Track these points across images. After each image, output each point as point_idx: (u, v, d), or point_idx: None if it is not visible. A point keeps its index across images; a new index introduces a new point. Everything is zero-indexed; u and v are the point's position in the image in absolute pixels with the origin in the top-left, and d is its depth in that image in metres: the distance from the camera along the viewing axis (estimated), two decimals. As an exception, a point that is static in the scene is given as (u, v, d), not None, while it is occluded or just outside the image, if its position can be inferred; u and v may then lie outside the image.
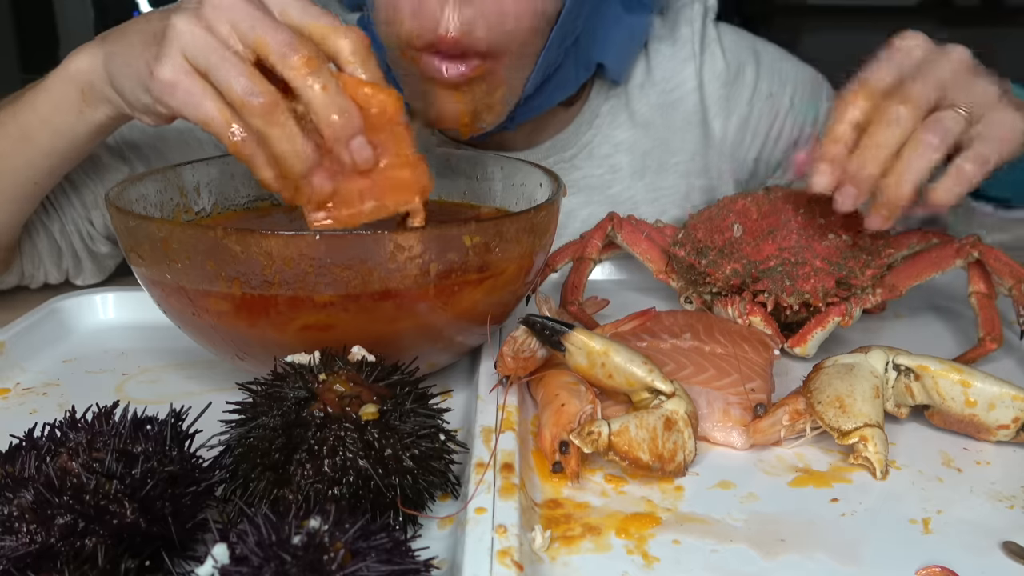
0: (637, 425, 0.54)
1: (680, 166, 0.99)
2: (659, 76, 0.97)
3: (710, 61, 0.98)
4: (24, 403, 0.65)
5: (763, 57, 1.01)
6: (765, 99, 1.00)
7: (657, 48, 0.97)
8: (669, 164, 0.99)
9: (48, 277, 0.89)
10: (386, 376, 0.51)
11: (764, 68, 1.01)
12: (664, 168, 0.99)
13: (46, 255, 0.88)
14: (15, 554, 0.39)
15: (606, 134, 0.97)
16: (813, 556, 0.48)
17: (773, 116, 1.01)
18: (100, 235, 0.90)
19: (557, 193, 0.65)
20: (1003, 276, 0.72)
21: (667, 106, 0.98)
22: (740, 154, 1.01)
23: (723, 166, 1.00)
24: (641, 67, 0.97)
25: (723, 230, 0.75)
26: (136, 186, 0.67)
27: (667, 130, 0.98)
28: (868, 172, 0.64)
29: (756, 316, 0.70)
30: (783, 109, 1.01)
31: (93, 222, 0.89)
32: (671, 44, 0.97)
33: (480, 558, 0.44)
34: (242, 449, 0.47)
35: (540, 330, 0.58)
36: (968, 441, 0.60)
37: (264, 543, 0.37)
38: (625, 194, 0.99)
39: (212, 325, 0.58)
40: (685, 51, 0.97)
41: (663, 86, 0.98)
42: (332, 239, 0.54)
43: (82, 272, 0.90)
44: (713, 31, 0.99)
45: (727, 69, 0.98)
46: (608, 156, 0.98)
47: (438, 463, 0.50)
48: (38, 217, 0.86)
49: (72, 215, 0.88)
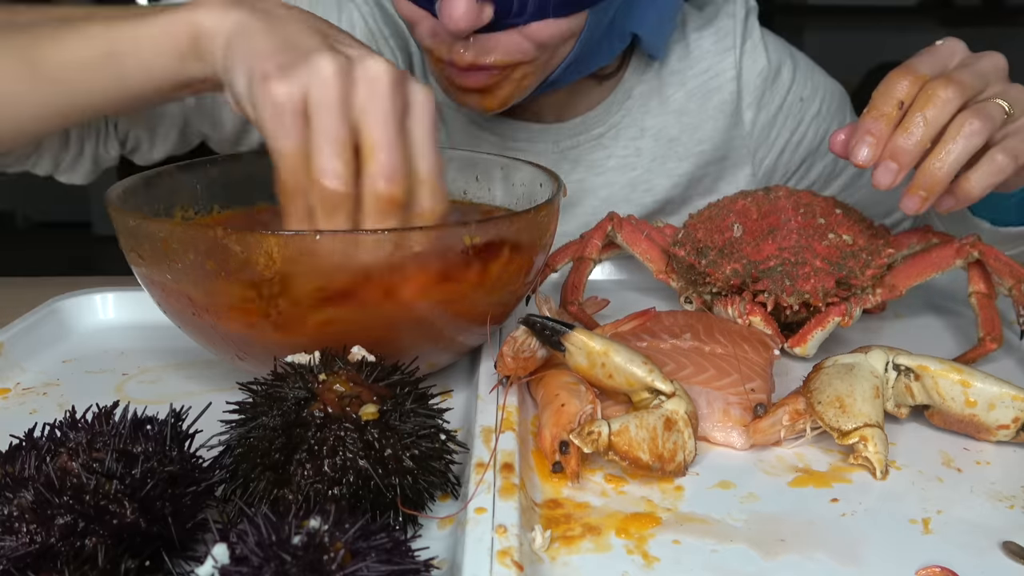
0: (637, 425, 0.54)
1: (704, 154, 1.00)
2: (699, 66, 0.99)
3: (751, 53, 0.99)
4: (24, 403, 0.65)
5: (799, 62, 1.03)
6: (797, 102, 1.01)
7: (698, 38, 0.99)
8: (693, 152, 1.00)
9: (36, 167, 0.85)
10: (386, 376, 0.51)
11: (800, 73, 1.02)
12: (688, 155, 1.00)
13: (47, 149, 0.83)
14: (15, 554, 0.39)
15: (635, 117, 0.99)
16: (813, 556, 0.48)
17: (798, 121, 1.02)
18: (114, 138, 0.88)
19: (557, 193, 0.65)
20: (1003, 276, 0.72)
21: (705, 94, 0.99)
22: (761, 152, 1.02)
23: (743, 157, 1.01)
24: (680, 54, 0.99)
25: (723, 230, 0.75)
26: (136, 186, 0.67)
27: (700, 116, 0.99)
28: (912, 149, 0.64)
29: (756, 316, 0.70)
30: (809, 115, 1.02)
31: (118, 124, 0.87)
32: (713, 33, 0.99)
33: (480, 558, 0.44)
34: (242, 449, 0.47)
35: (540, 330, 0.58)
36: (968, 441, 0.60)
37: (264, 543, 0.37)
38: (643, 177, 1.00)
39: (212, 325, 0.58)
40: (726, 41, 0.98)
41: (702, 77, 0.99)
42: (332, 239, 0.54)
43: (75, 169, 0.87)
44: (758, 28, 1.00)
45: (768, 66, 0.99)
46: (635, 139, 0.99)
47: (438, 463, 0.50)
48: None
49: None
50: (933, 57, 0.68)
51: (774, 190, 0.78)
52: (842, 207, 0.77)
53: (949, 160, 0.64)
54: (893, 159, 0.65)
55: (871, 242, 0.74)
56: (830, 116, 1.03)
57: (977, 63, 0.67)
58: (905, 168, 0.65)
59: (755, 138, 1.01)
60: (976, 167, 0.65)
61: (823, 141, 1.02)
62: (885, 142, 0.65)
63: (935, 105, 0.64)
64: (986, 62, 0.67)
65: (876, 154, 0.65)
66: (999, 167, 0.65)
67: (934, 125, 0.64)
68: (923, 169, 0.65)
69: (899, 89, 0.66)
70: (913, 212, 0.66)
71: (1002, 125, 0.65)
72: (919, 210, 0.66)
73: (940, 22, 3.97)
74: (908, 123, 0.64)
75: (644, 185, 1.00)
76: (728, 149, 1.01)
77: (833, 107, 1.04)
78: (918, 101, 0.65)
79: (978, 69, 0.66)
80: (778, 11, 4.02)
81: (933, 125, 0.64)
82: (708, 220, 0.77)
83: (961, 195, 0.66)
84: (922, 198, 0.65)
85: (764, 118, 1.01)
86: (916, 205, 0.66)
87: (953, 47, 0.69)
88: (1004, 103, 0.65)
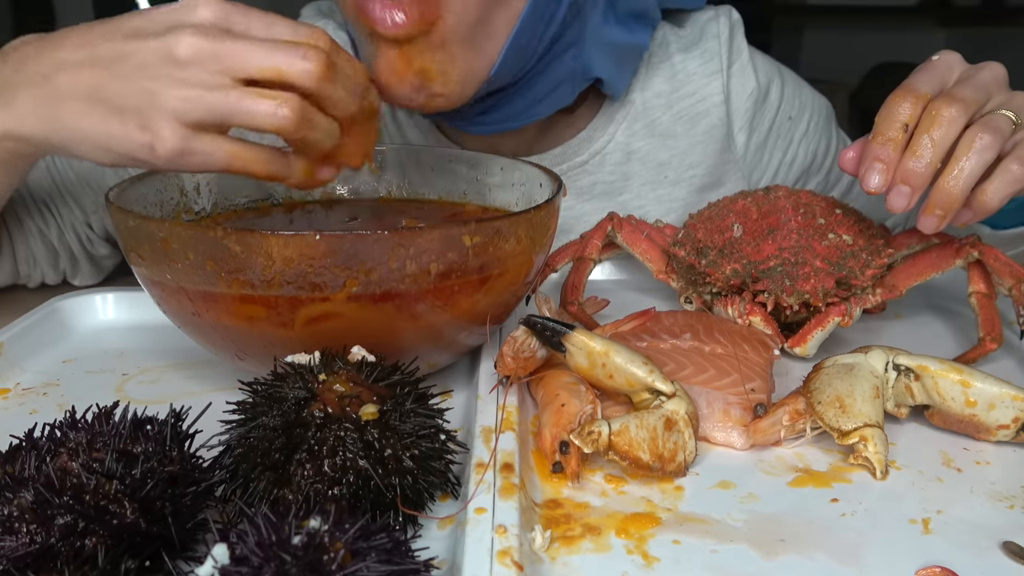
0: (637, 425, 0.54)
1: (696, 179, 0.99)
2: (685, 90, 0.97)
3: (740, 76, 0.98)
4: (24, 403, 0.65)
5: (787, 80, 1.02)
6: (786, 121, 1.01)
7: (683, 60, 0.97)
8: (685, 177, 0.99)
9: (45, 278, 0.89)
10: (386, 376, 0.51)
11: (787, 91, 1.01)
12: (680, 180, 0.99)
13: (42, 258, 0.88)
14: (15, 554, 0.39)
15: (619, 141, 0.97)
16: (813, 556, 0.48)
17: (789, 141, 1.01)
18: (99, 238, 0.90)
19: (557, 193, 0.65)
20: (1003, 276, 0.72)
21: (692, 118, 0.97)
22: (756, 174, 1.01)
23: (738, 182, 1.00)
24: (665, 76, 0.97)
25: (723, 230, 0.75)
26: (136, 186, 0.67)
27: (689, 141, 0.98)
28: (923, 171, 0.64)
29: (756, 316, 0.70)
30: (798, 134, 1.01)
31: (92, 225, 0.89)
32: (698, 56, 0.97)
33: (480, 558, 0.44)
34: (242, 449, 0.47)
35: (540, 330, 0.58)
36: (968, 441, 0.60)
37: (264, 543, 0.37)
38: (635, 202, 0.99)
39: (212, 325, 0.58)
40: (712, 64, 0.97)
41: (689, 100, 0.97)
42: (332, 239, 0.54)
43: (79, 273, 0.91)
44: (745, 48, 0.99)
45: (758, 87, 0.98)
46: (620, 164, 0.97)
47: (438, 463, 0.50)
48: (34, 223, 0.86)
49: (71, 220, 0.88)
50: (931, 74, 0.67)
51: (774, 190, 0.78)
52: (842, 207, 0.77)
53: (963, 177, 0.63)
54: (905, 183, 0.64)
55: (871, 242, 0.74)
56: (818, 134, 1.02)
57: (976, 75, 0.67)
58: (918, 191, 0.65)
59: (749, 161, 1.00)
60: (992, 179, 0.65)
61: (814, 159, 1.02)
62: (895, 167, 0.65)
63: (940, 125, 0.63)
64: (986, 73, 0.67)
65: (887, 180, 0.65)
66: (1015, 177, 0.64)
67: (942, 145, 0.64)
68: (938, 188, 0.64)
69: (902, 112, 0.65)
70: (931, 231, 0.66)
71: (1010, 135, 0.65)
72: (937, 229, 0.66)
73: (940, 22, 3.97)
74: (916, 146, 0.64)
75: (638, 211, 0.98)
76: (722, 173, 0.99)
77: (821, 123, 1.03)
78: (923, 123, 0.64)
79: (978, 82, 0.66)
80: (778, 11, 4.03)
81: (941, 145, 0.64)
82: (708, 220, 0.78)
83: (979, 208, 0.66)
84: (939, 217, 0.65)
85: (756, 140, 1.00)
86: (934, 224, 0.66)
87: (950, 61, 0.68)
88: (1010, 113, 0.65)
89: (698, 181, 0.99)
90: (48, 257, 0.88)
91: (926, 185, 0.65)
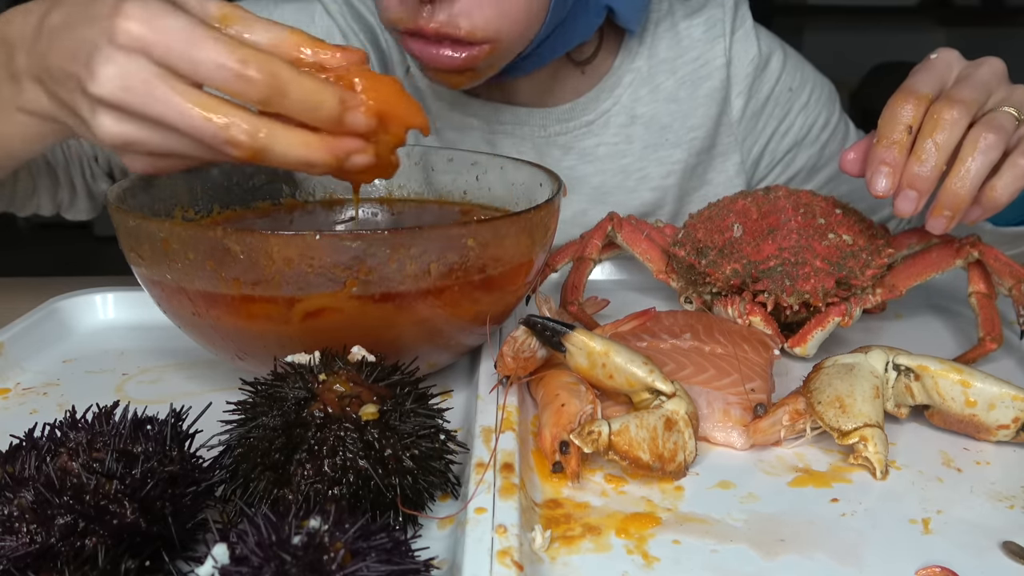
0: (637, 425, 0.54)
1: (696, 142, 1.00)
2: (690, 55, 0.99)
3: (742, 42, 0.99)
4: (24, 403, 0.65)
5: (790, 54, 1.04)
6: (785, 92, 1.02)
7: (688, 26, 0.99)
8: (686, 139, 1.00)
9: (40, 208, 0.90)
10: (386, 376, 0.51)
11: (790, 63, 1.03)
12: (680, 142, 1.00)
13: (44, 189, 0.88)
14: (15, 554, 0.39)
15: (625, 104, 0.99)
16: (813, 556, 0.48)
17: (786, 111, 1.02)
18: (102, 173, 0.91)
19: (557, 193, 0.65)
20: (1003, 276, 0.72)
21: (695, 81, 0.99)
22: (749, 140, 1.02)
23: (731, 145, 1.02)
24: (670, 43, 0.99)
25: (723, 230, 0.75)
26: (136, 186, 0.67)
27: (691, 104, 1.00)
28: (929, 175, 0.64)
29: (756, 316, 0.70)
30: (797, 105, 1.03)
31: (98, 159, 0.90)
32: (703, 22, 0.99)
33: (480, 558, 0.44)
34: (242, 449, 0.47)
35: (540, 330, 0.58)
36: (968, 441, 0.60)
37: (264, 543, 0.37)
38: (635, 165, 1.00)
39: (212, 325, 0.58)
40: (716, 30, 0.99)
41: (693, 65, 0.99)
42: (332, 239, 0.54)
43: (75, 206, 0.92)
44: (749, 17, 1.01)
45: (759, 55, 1.00)
46: (625, 127, 0.99)
47: (438, 463, 0.50)
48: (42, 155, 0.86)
49: (79, 152, 0.89)
50: (930, 74, 0.67)
51: (774, 190, 0.78)
52: (842, 207, 0.76)
53: (970, 178, 0.64)
54: (911, 187, 0.65)
55: (871, 242, 0.74)
56: (819, 107, 1.03)
57: (976, 73, 0.67)
58: (925, 195, 0.65)
59: (743, 126, 1.02)
60: (1000, 174, 0.65)
61: (809, 132, 1.03)
62: (901, 170, 0.65)
63: (943, 129, 0.64)
64: (985, 70, 0.67)
65: (894, 183, 0.65)
66: (1023, 171, 0.65)
67: (946, 148, 0.64)
68: (945, 189, 0.65)
69: (904, 114, 0.65)
70: (940, 232, 0.66)
71: (1014, 131, 0.65)
72: (946, 229, 0.66)
73: (940, 22, 3.96)
74: (920, 151, 0.64)
75: (637, 173, 1.00)
76: (717, 136, 1.01)
77: (823, 99, 1.04)
78: (925, 127, 0.64)
79: (978, 80, 0.66)
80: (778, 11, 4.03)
81: (945, 148, 0.64)
82: (708, 220, 0.77)
83: (988, 204, 0.66)
84: (948, 218, 0.65)
85: (753, 107, 1.01)
86: (943, 225, 0.66)
87: (948, 59, 0.68)
88: (1012, 109, 0.65)
89: (698, 144, 1.00)
90: (50, 188, 0.88)
91: (932, 189, 0.65)
